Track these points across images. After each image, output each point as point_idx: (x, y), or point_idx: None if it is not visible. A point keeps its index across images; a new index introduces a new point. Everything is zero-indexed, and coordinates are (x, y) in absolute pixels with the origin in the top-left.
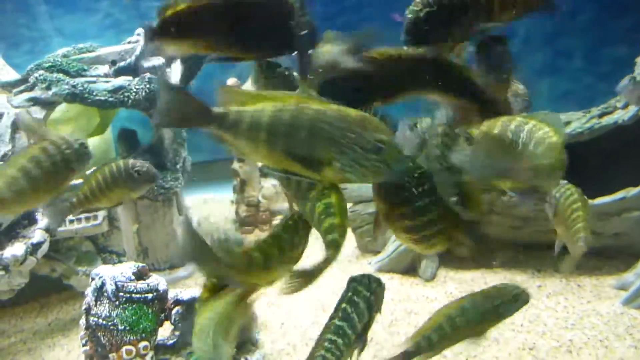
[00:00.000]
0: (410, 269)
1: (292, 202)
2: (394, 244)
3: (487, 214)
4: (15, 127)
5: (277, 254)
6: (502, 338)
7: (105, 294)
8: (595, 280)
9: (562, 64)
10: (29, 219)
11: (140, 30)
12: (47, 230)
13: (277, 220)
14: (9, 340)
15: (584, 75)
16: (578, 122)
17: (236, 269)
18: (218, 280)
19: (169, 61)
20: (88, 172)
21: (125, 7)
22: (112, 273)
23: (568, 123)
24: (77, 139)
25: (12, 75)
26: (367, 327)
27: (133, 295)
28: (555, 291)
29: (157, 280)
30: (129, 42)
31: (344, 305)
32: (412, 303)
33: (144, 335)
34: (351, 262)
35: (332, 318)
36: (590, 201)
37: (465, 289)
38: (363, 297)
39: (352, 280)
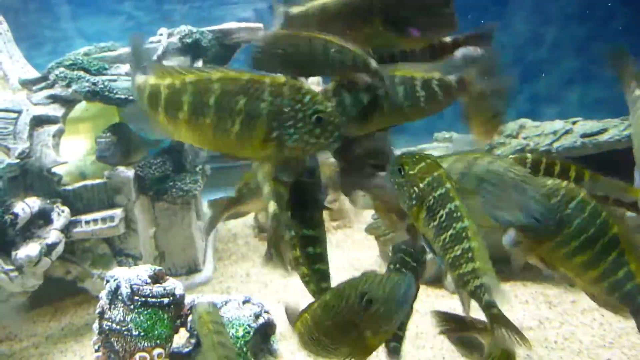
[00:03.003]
0: (435, 279)
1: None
2: None
3: None
4: (33, 124)
5: None
6: (535, 356)
7: (120, 297)
8: None
9: (594, 71)
10: (45, 219)
11: (163, 30)
12: (62, 230)
13: None
14: (21, 345)
15: (618, 82)
16: (615, 129)
17: None
18: None
19: (193, 59)
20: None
21: (148, 9)
22: (128, 275)
23: (605, 130)
24: None
25: (32, 73)
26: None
27: (148, 299)
28: (590, 307)
29: (174, 284)
30: (151, 42)
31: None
32: None
33: (158, 342)
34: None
35: None
36: None
37: None
38: (410, 268)
39: (398, 250)
